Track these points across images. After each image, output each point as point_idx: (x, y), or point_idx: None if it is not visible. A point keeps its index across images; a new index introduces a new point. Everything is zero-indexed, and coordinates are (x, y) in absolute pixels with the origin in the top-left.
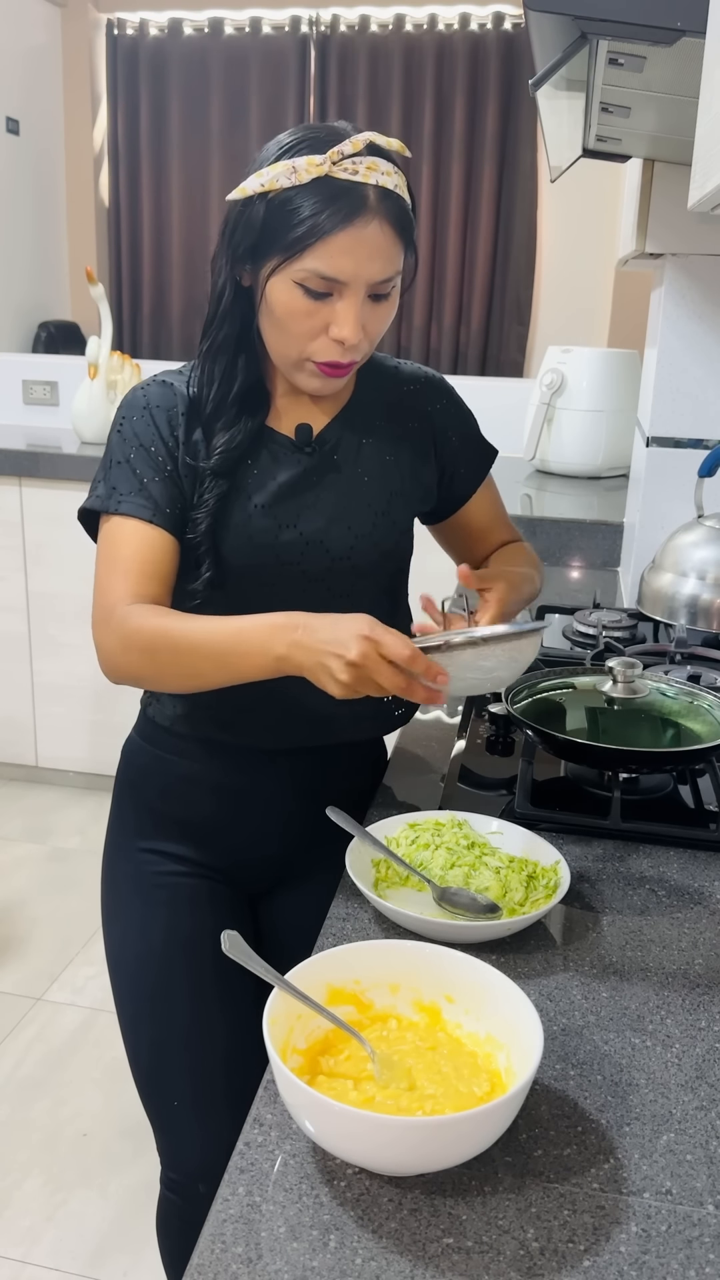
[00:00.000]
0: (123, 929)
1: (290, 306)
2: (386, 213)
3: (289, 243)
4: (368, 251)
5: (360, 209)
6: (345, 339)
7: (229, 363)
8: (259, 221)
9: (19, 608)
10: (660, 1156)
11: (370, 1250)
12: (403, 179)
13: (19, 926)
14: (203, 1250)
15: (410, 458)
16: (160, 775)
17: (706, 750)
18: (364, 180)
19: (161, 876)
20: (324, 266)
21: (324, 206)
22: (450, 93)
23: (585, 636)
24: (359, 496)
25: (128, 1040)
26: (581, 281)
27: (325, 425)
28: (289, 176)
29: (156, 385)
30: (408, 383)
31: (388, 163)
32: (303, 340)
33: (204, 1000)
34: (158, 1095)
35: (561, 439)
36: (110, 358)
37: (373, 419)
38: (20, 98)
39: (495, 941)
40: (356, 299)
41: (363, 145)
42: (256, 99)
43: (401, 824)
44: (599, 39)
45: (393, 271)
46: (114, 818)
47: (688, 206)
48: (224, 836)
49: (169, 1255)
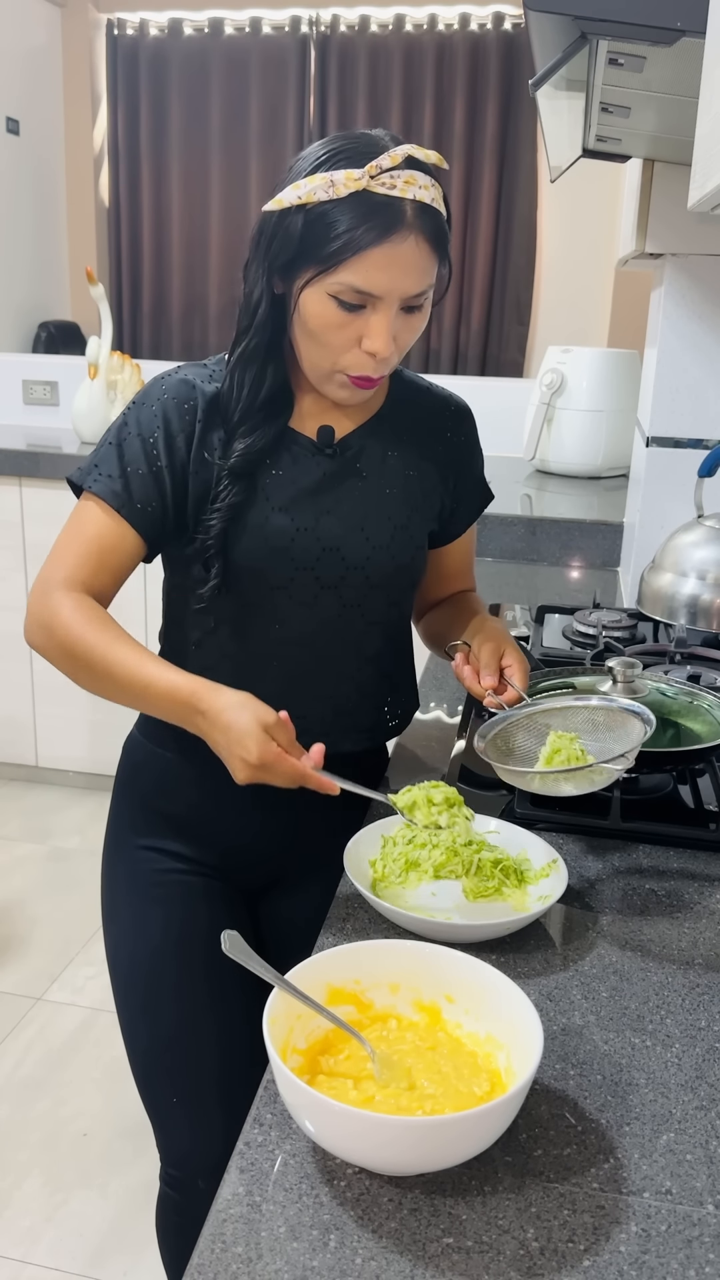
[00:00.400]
0: (121, 927)
1: (324, 319)
2: (423, 228)
3: (325, 256)
4: (403, 267)
5: (398, 224)
6: (377, 351)
7: (259, 369)
8: (296, 234)
9: (19, 608)
10: (660, 1156)
11: (370, 1250)
12: (439, 191)
13: (19, 926)
14: (203, 1250)
15: (431, 478)
16: (158, 771)
17: (706, 750)
18: (402, 195)
19: (160, 875)
20: (359, 281)
21: (361, 221)
22: (450, 93)
23: (585, 636)
24: (380, 507)
25: (126, 1037)
26: (581, 281)
27: (350, 431)
28: (327, 190)
29: (178, 381)
30: (440, 405)
31: (425, 176)
32: (336, 352)
33: (202, 997)
34: (156, 1092)
35: (561, 439)
36: (110, 358)
37: (400, 433)
38: (20, 98)
39: (495, 941)
40: (390, 312)
41: (401, 159)
42: (256, 99)
43: (399, 823)
44: (599, 39)
45: (427, 285)
46: (113, 815)
47: (688, 206)
48: (220, 834)
49: (169, 1251)
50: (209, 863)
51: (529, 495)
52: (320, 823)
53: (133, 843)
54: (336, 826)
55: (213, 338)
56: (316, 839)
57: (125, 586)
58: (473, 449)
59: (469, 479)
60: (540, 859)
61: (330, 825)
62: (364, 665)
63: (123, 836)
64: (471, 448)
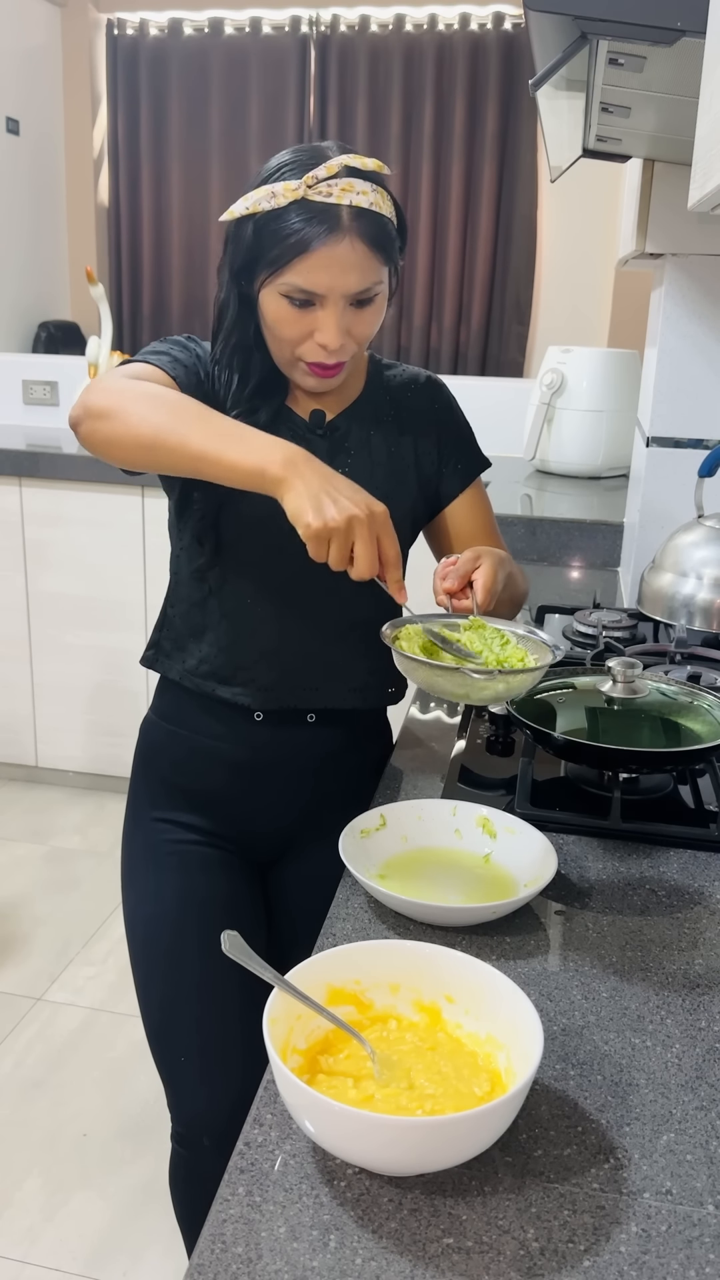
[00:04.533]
0: (138, 892)
1: (279, 315)
2: (360, 230)
3: (272, 259)
4: (342, 267)
5: (334, 229)
6: (328, 344)
7: (244, 362)
8: (248, 240)
9: (19, 608)
10: (660, 1156)
11: (370, 1250)
12: (381, 196)
13: (19, 926)
14: (203, 1250)
15: (411, 452)
16: (172, 748)
17: (706, 750)
18: (338, 201)
19: (174, 844)
20: (303, 281)
21: (301, 227)
22: (450, 93)
23: (585, 636)
24: (368, 483)
25: (141, 999)
26: (581, 281)
27: (337, 414)
28: (269, 200)
29: (196, 345)
30: (409, 382)
31: (364, 182)
32: (293, 345)
33: (212, 959)
34: (167, 1051)
35: (561, 439)
36: (110, 358)
37: (379, 413)
38: (20, 98)
39: (495, 941)
40: (336, 309)
41: (338, 169)
42: (256, 99)
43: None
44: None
45: (370, 283)
46: (132, 792)
47: (688, 206)
48: (231, 807)
49: (182, 1208)
50: (223, 835)
51: (529, 495)
52: (333, 795)
53: (150, 816)
54: (349, 798)
55: None
56: (329, 811)
57: (127, 556)
58: (449, 413)
59: (450, 442)
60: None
61: (343, 797)
62: (353, 628)
63: (140, 811)
64: (447, 412)
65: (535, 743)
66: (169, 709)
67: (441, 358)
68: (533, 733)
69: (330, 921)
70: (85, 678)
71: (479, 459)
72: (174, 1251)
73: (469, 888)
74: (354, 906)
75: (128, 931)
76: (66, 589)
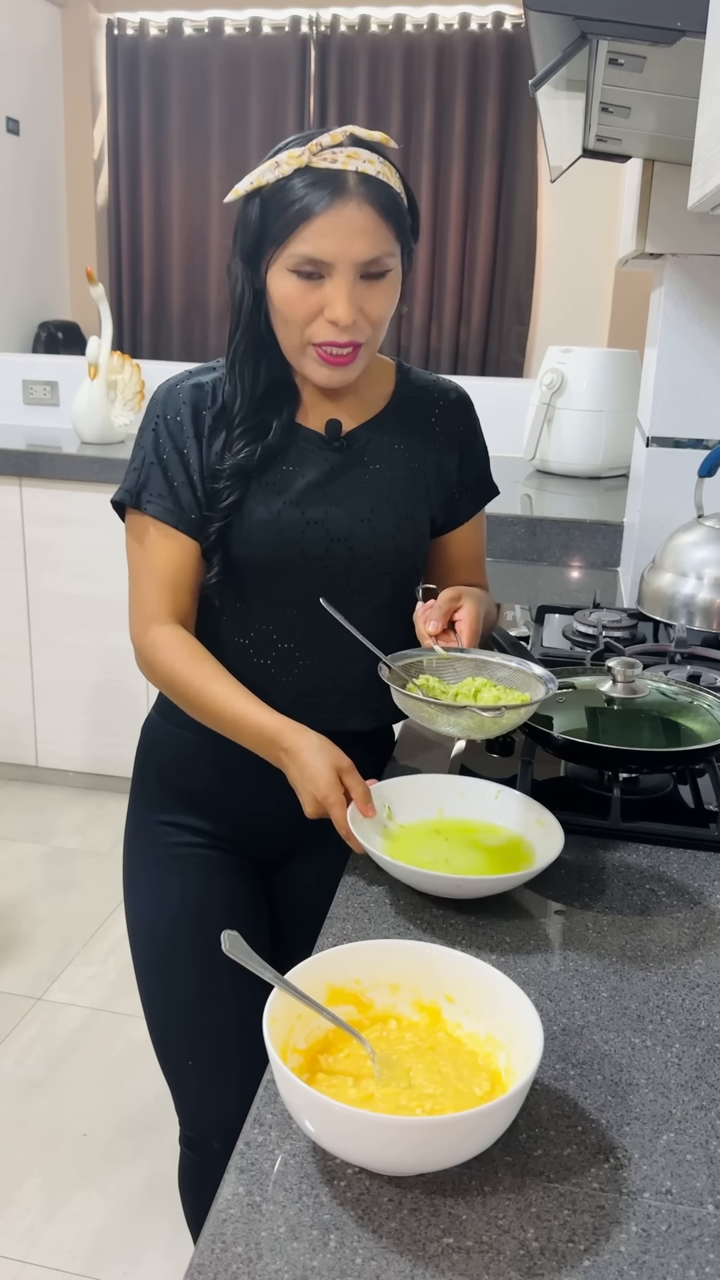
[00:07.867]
0: (140, 896)
1: (287, 294)
2: (367, 195)
3: (278, 231)
4: (349, 231)
5: (340, 192)
6: (338, 319)
7: (254, 369)
8: (256, 218)
9: (19, 608)
10: (660, 1156)
11: (370, 1250)
12: (388, 168)
13: (19, 926)
14: (203, 1250)
15: (434, 468)
16: (176, 750)
17: (706, 750)
18: (343, 167)
19: (177, 847)
20: (309, 249)
21: (305, 193)
22: (450, 93)
23: (585, 636)
24: (387, 499)
25: (145, 1003)
26: (581, 281)
27: (357, 426)
28: (273, 171)
29: (191, 386)
30: (440, 396)
31: (369, 152)
32: (301, 325)
33: (216, 963)
34: (173, 1055)
35: (561, 439)
36: (110, 358)
37: (407, 425)
38: (20, 98)
39: (495, 941)
40: (346, 279)
41: (343, 137)
42: (256, 99)
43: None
44: (599, 39)
45: (379, 251)
46: (133, 794)
47: (688, 206)
48: (233, 808)
49: (191, 1210)
50: (225, 836)
51: (529, 495)
52: None
53: (152, 819)
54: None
55: (213, 338)
56: None
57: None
58: (474, 435)
59: (471, 466)
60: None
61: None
62: (368, 653)
63: (142, 813)
64: (473, 434)
65: (535, 743)
66: (171, 708)
67: (441, 358)
68: (533, 733)
69: (330, 921)
70: (85, 678)
71: (490, 487)
72: (174, 1252)
73: (479, 859)
74: (354, 906)
75: (130, 937)
76: (66, 589)
